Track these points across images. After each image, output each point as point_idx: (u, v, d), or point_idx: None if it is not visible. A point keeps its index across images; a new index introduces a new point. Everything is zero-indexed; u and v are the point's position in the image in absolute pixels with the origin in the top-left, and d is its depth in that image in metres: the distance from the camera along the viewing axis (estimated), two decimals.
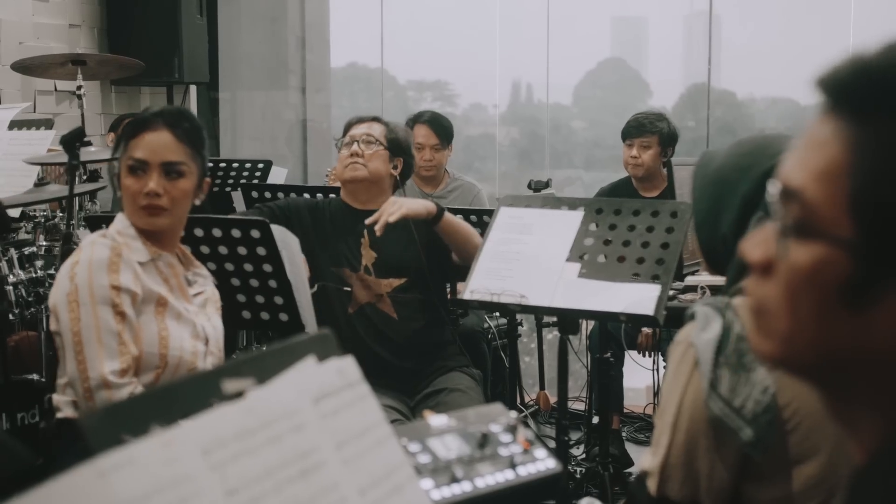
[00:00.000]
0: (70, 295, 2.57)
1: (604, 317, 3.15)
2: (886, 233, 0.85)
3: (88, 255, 2.59)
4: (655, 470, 1.84)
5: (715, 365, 1.74)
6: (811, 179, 0.90)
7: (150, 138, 2.68)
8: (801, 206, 0.90)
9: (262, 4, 7.32)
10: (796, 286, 0.91)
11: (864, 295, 0.87)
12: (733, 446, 1.75)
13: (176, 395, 1.24)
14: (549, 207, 3.14)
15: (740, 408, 1.72)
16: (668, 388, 1.86)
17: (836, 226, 0.87)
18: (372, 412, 1.47)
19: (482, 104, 7.31)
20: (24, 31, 5.85)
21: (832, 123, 0.90)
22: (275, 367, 1.37)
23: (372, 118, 3.85)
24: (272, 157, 5.24)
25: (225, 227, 3.06)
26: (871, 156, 0.86)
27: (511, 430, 1.80)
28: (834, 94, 0.91)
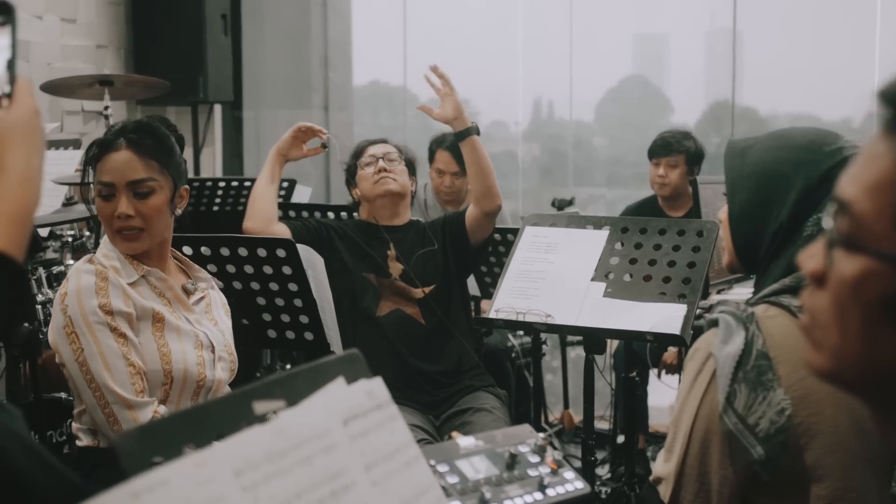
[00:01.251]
0: (66, 328, 2.55)
1: (630, 336, 3.14)
2: None
3: (75, 284, 2.57)
4: (670, 477, 1.84)
5: (733, 380, 1.73)
6: (861, 192, 0.89)
7: (114, 160, 2.65)
8: (851, 219, 0.90)
9: (285, 24, 7.36)
10: (843, 299, 0.91)
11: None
12: (744, 462, 1.75)
13: (207, 416, 1.25)
14: (574, 226, 3.14)
15: (754, 426, 1.71)
16: (684, 396, 1.85)
17: (883, 240, 0.87)
18: (401, 433, 1.47)
19: (504, 121, 7.30)
20: (52, 53, 5.90)
21: (889, 138, 0.90)
22: (305, 389, 1.38)
23: (382, 140, 3.91)
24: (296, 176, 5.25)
25: (251, 247, 3.07)
26: None
27: (539, 451, 1.80)
28: (892, 108, 0.90)
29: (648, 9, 6.81)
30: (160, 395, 2.60)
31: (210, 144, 6.75)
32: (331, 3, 7.53)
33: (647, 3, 6.80)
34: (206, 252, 3.10)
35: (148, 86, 4.86)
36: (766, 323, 1.76)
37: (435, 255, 3.71)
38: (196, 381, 2.64)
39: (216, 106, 6.67)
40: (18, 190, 1.25)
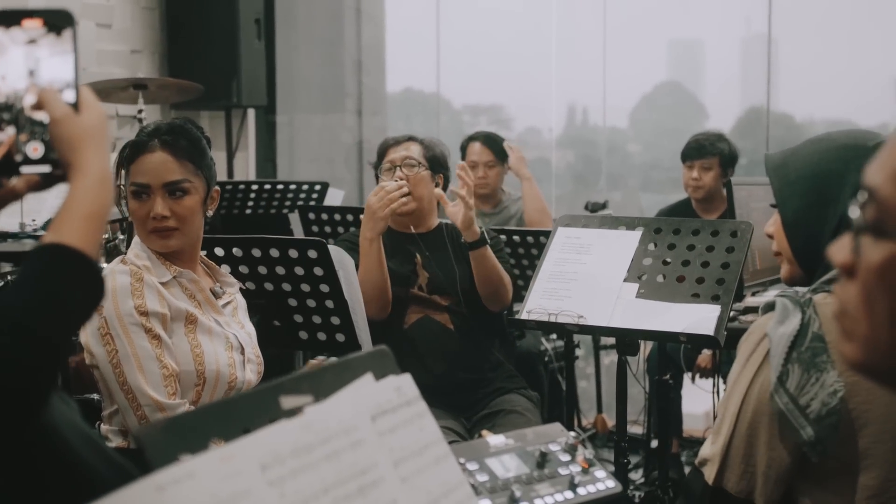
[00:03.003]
0: (101, 329, 2.55)
1: (663, 337, 3.11)
2: None
3: (110, 284, 2.55)
4: (715, 457, 1.82)
5: (786, 360, 1.71)
6: (886, 179, 0.90)
7: (149, 161, 2.66)
8: (876, 206, 0.91)
9: (319, 28, 7.38)
10: (870, 286, 0.91)
11: None
12: (793, 444, 1.73)
13: (234, 410, 1.24)
14: (607, 227, 3.12)
15: (805, 406, 1.70)
16: (735, 377, 1.84)
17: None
18: (430, 430, 1.46)
19: (537, 128, 7.29)
20: (87, 58, 5.94)
21: None
22: (333, 384, 1.37)
23: (407, 138, 3.82)
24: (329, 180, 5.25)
25: (282, 248, 3.07)
26: None
27: (570, 450, 1.78)
28: None
29: (683, 15, 6.78)
30: (192, 397, 2.60)
31: (244, 149, 6.78)
32: (364, 9, 7.55)
33: (682, 9, 6.77)
34: (238, 253, 3.10)
35: (181, 89, 4.88)
36: (823, 309, 1.76)
37: (463, 266, 3.67)
38: (227, 382, 2.64)
39: (250, 110, 6.69)
40: (95, 190, 1.30)
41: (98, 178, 1.30)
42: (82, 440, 1.17)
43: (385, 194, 3.48)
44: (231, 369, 2.65)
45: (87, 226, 1.27)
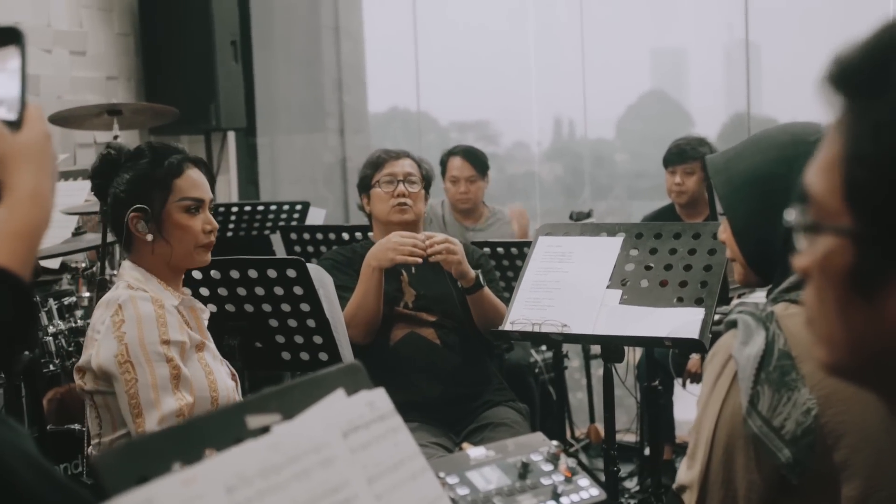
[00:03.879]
0: (120, 356, 2.49)
1: (648, 343, 3.08)
2: (879, 219, 0.86)
3: (133, 312, 2.50)
4: (694, 485, 1.78)
5: (755, 381, 1.67)
6: (816, 175, 0.92)
7: (196, 175, 2.67)
8: (811, 204, 0.92)
9: (297, 48, 7.36)
10: (818, 284, 0.92)
11: (871, 282, 0.87)
12: (771, 466, 1.69)
13: (198, 432, 1.21)
14: (588, 234, 3.09)
15: (780, 428, 1.66)
16: (704, 400, 1.79)
17: (837, 216, 0.89)
18: (405, 445, 1.43)
19: (524, 142, 7.27)
20: (61, 86, 5.90)
21: (839, 122, 0.92)
22: (302, 402, 1.34)
23: (404, 153, 3.80)
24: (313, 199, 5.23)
25: (261, 268, 3.04)
26: (858, 141, 0.87)
27: (552, 460, 1.75)
28: (829, 85, 0.92)
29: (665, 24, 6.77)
30: None
31: (225, 172, 6.74)
32: (343, 27, 7.53)
33: (663, 18, 6.76)
34: (216, 276, 3.06)
35: (157, 113, 4.85)
36: (786, 321, 1.70)
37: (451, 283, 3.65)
38: None
39: (230, 133, 6.66)
40: (24, 208, 1.26)
41: (29, 196, 1.25)
42: (23, 463, 1.13)
43: (410, 243, 3.44)
44: (234, 395, 2.64)
45: (15, 244, 1.23)
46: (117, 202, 2.65)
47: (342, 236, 4.26)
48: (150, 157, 2.65)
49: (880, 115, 0.86)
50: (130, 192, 2.63)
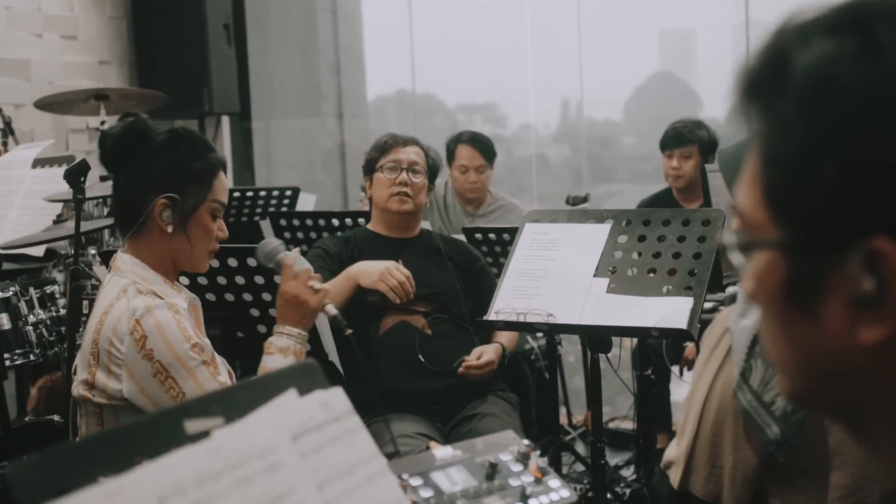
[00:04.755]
0: (159, 375, 2.37)
1: (634, 333, 3.01)
2: (801, 223, 0.82)
3: (153, 323, 2.37)
4: (680, 460, 1.73)
5: (749, 355, 1.61)
6: (742, 191, 0.87)
7: (224, 179, 2.60)
8: (743, 222, 0.88)
9: (292, 32, 7.27)
10: (761, 304, 0.88)
11: (807, 292, 0.82)
12: (759, 443, 1.63)
13: (128, 439, 1.14)
14: (576, 221, 3.02)
15: (770, 403, 1.60)
16: (698, 373, 1.74)
17: (765, 230, 0.85)
18: (361, 447, 1.36)
19: (531, 124, 7.20)
20: (53, 71, 5.84)
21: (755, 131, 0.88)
22: (248, 404, 1.27)
23: (412, 140, 3.73)
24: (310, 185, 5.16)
25: (240, 257, 2.97)
26: (769, 145, 0.84)
27: (522, 459, 1.69)
28: (740, 97, 0.88)
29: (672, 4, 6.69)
30: None
31: None
32: (340, 10, 7.44)
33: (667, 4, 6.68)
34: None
35: (146, 98, 4.78)
36: None
37: (447, 274, 3.59)
38: None
39: (224, 118, 6.58)
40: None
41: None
42: None
43: (400, 281, 3.44)
44: None
45: None
46: (145, 182, 2.50)
47: (332, 223, 4.19)
48: (191, 146, 2.53)
49: (784, 111, 0.82)
50: (166, 177, 2.50)
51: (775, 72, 0.84)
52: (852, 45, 0.79)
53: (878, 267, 0.78)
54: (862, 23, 0.80)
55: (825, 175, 0.79)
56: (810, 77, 0.80)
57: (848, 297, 0.80)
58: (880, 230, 0.77)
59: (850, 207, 0.78)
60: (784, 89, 0.82)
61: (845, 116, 0.78)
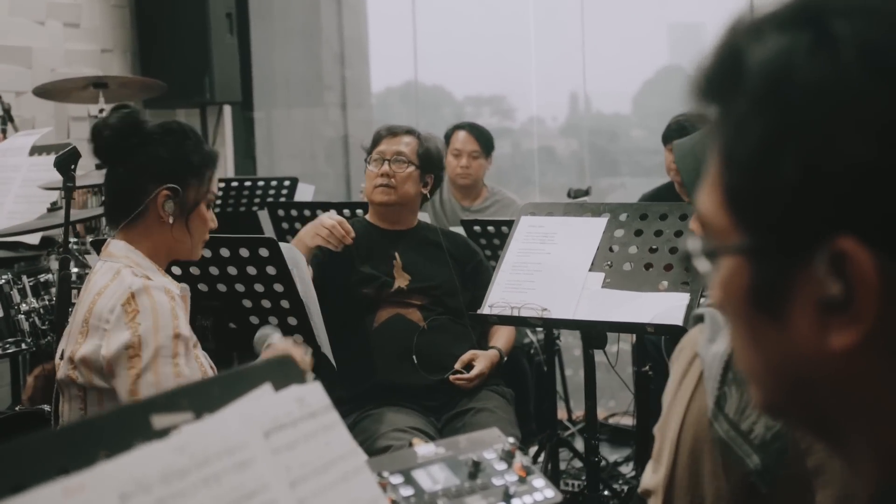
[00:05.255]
0: (131, 349, 2.38)
1: (629, 329, 2.98)
2: (762, 224, 0.78)
3: (149, 303, 2.39)
4: (658, 490, 1.68)
5: (722, 382, 1.56)
6: (703, 196, 0.84)
7: (216, 172, 2.67)
8: (706, 228, 0.84)
9: (296, 21, 7.24)
10: (727, 314, 0.84)
11: (773, 296, 0.79)
12: (739, 473, 1.58)
13: (91, 434, 1.11)
14: (572, 215, 2.99)
15: (748, 432, 1.55)
16: (670, 399, 1.69)
17: (728, 234, 0.81)
18: (338, 443, 1.33)
19: (541, 117, 7.16)
20: (55, 59, 5.81)
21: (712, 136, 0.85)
22: (219, 398, 1.24)
23: (405, 130, 3.69)
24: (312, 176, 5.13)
25: (233, 247, 2.94)
26: (728, 145, 0.81)
27: (506, 458, 1.65)
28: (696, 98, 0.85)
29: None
30: None
31: (220, 146, 6.63)
32: (345, 0, 7.40)
33: None
34: None
35: (145, 87, 4.75)
36: None
37: (446, 268, 3.56)
38: None
39: (225, 107, 6.55)
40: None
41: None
42: None
43: (329, 226, 3.50)
44: None
45: None
46: (146, 173, 2.53)
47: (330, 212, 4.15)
48: (188, 140, 2.58)
49: (740, 110, 0.79)
50: (168, 168, 2.54)
51: (730, 70, 0.81)
52: (807, 39, 0.76)
53: (845, 269, 0.74)
54: (816, 16, 0.77)
55: (785, 174, 0.75)
56: (765, 73, 0.78)
57: (815, 301, 0.76)
58: (845, 230, 0.74)
59: (812, 207, 0.75)
60: (739, 87, 0.79)
61: (802, 112, 0.75)
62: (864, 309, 0.74)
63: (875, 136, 0.73)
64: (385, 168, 3.56)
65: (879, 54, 0.74)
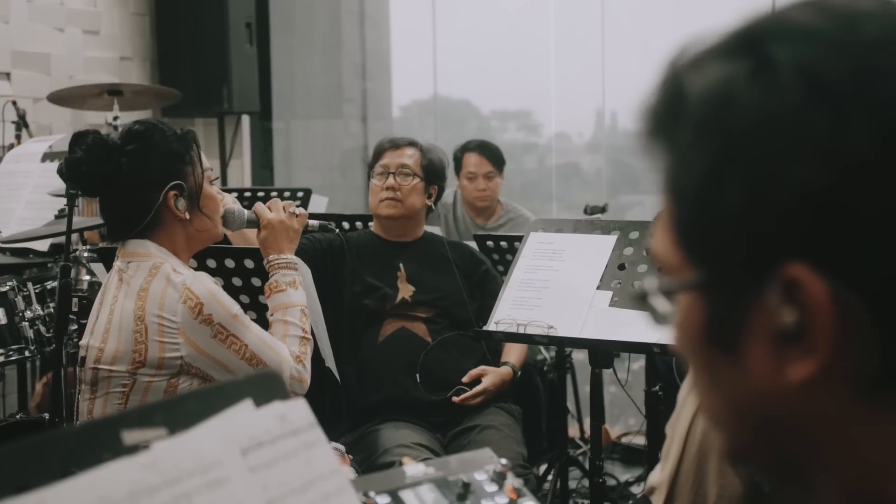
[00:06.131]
0: (219, 335, 2.49)
1: (636, 348, 2.94)
2: (712, 256, 0.76)
3: (202, 289, 2.49)
4: (662, 486, 1.65)
5: None
6: (657, 235, 0.82)
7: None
8: (662, 267, 0.82)
9: (317, 33, 7.23)
10: (685, 353, 0.82)
11: (727, 332, 0.76)
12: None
13: (57, 447, 1.08)
14: (582, 232, 2.95)
15: None
16: (683, 396, 1.67)
17: (680, 270, 0.79)
18: (320, 462, 1.29)
19: (566, 133, 7.13)
20: (74, 66, 5.81)
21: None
22: (196, 414, 1.20)
23: (407, 142, 3.67)
24: (330, 187, 5.11)
25: (237, 258, 2.92)
26: (674, 178, 0.78)
27: (498, 479, 1.61)
28: (645, 139, 0.83)
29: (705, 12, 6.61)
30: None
31: (238, 156, 6.63)
32: (368, 13, 7.40)
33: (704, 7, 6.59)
34: (193, 265, 2.94)
35: (160, 95, 4.74)
36: None
37: (453, 279, 3.53)
38: None
39: (244, 117, 6.55)
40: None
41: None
42: None
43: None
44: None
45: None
46: (143, 185, 2.54)
47: (342, 225, 4.14)
48: (162, 132, 2.58)
49: (683, 140, 0.76)
50: (162, 170, 2.56)
51: (672, 102, 0.79)
52: (746, 66, 0.74)
53: (798, 297, 0.71)
54: (755, 43, 0.75)
55: (729, 202, 0.73)
56: (705, 101, 0.76)
57: (771, 332, 0.73)
58: (795, 257, 0.71)
59: (759, 235, 0.72)
60: (682, 118, 0.77)
61: (743, 138, 0.73)
62: (819, 337, 0.71)
63: (818, 160, 0.70)
64: (390, 181, 3.54)
65: (819, 77, 0.72)
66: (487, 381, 3.41)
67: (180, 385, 2.50)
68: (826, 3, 0.76)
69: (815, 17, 0.75)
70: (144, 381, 2.50)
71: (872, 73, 0.71)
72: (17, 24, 5.48)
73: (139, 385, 2.50)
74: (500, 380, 3.46)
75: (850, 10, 0.75)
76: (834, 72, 0.71)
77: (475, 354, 3.52)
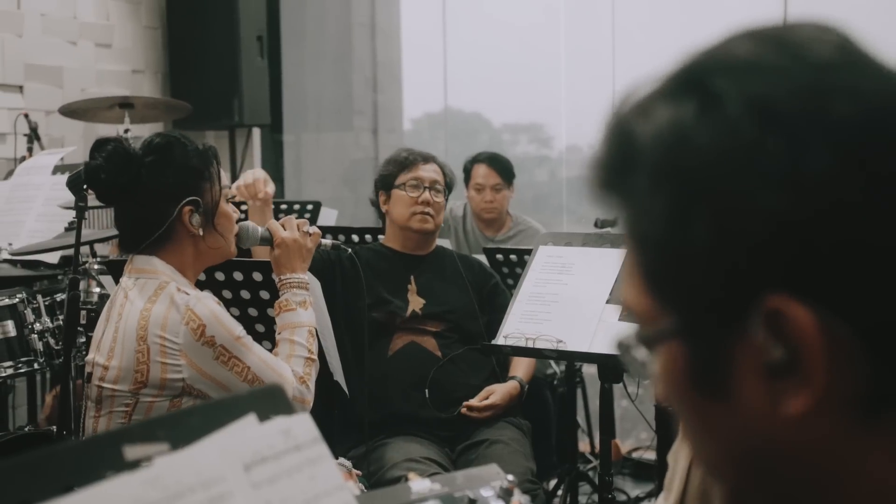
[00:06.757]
0: (221, 357, 2.47)
1: None
2: (685, 300, 0.75)
3: (205, 311, 2.46)
4: None
5: None
6: (626, 288, 0.81)
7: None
8: (636, 319, 0.81)
9: (328, 45, 7.25)
10: (674, 402, 0.80)
11: (712, 375, 0.75)
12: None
13: (58, 463, 1.07)
14: (591, 245, 2.94)
15: None
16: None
17: (655, 320, 0.77)
18: (324, 478, 1.28)
19: (578, 145, 7.13)
20: (86, 79, 5.83)
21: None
22: (198, 430, 1.20)
23: (432, 158, 3.67)
24: (340, 200, 5.11)
25: (246, 271, 2.92)
26: (635, 225, 0.77)
27: (504, 496, 1.60)
28: (599, 192, 0.82)
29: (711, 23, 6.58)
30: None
31: (248, 169, 6.64)
32: (379, 25, 7.41)
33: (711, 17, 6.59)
34: (202, 277, 2.94)
35: (171, 108, 4.75)
36: None
37: (465, 294, 3.52)
38: None
39: (254, 129, 6.56)
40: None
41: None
42: None
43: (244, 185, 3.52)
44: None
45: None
46: (161, 196, 2.53)
47: (352, 238, 4.14)
48: (184, 147, 2.56)
49: (640, 187, 0.75)
50: (180, 184, 2.54)
51: (622, 151, 0.78)
52: (693, 105, 0.74)
53: (783, 328, 0.70)
54: (697, 81, 0.75)
55: (697, 241, 0.72)
56: (657, 145, 0.74)
57: (761, 369, 0.72)
58: (774, 288, 0.70)
59: (732, 269, 0.71)
60: (634, 165, 0.76)
61: (702, 175, 0.72)
62: (812, 367, 0.70)
63: (780, 188, 0.69)
64: (426, 196, 3.53)
65: (768, 107, 0.71)
66: (495, 396, 3.39)
67: (182, 406, 2.48)
68: (764, 34, 0.76)
69: (754, 48, 0.75)
70: (146, 402, 2.48)
71: (823, 96, 0.71)
72: (30, 38, 5.51)
73: (141, 405, 2.49)
74: (508, 394, 3.44)
75: (790, 37, 0.75)
76: (783, 99, 0.71)
77: (484, 369, 3.50)
